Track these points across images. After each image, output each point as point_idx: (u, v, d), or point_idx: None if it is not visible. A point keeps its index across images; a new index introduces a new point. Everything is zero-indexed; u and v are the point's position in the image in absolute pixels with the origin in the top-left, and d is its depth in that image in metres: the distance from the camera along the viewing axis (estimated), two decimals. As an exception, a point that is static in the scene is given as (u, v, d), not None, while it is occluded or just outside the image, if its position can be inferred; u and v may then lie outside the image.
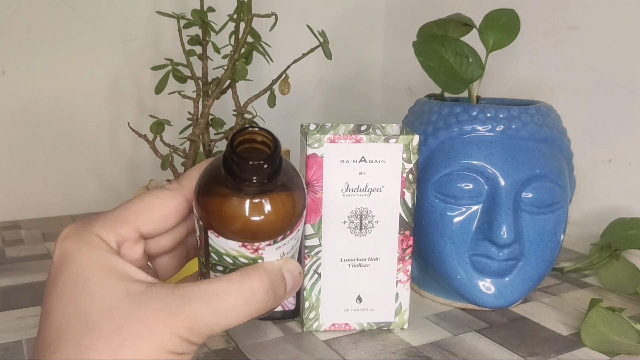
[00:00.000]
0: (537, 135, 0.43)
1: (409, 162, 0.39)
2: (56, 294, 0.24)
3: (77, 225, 0.26)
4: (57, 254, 0.26)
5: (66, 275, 0.24)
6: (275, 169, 0.25)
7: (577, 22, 0.62)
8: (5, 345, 0.39)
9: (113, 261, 0.25)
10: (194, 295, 0.24)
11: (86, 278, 0.24)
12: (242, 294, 0.25)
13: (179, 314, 0.23)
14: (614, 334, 0.39)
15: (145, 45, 0.73)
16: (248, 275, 0.25)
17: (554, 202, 0.43)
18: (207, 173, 0.27)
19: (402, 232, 0.40)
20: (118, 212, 0.27)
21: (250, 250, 0.26)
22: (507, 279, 0.43)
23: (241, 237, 0.26)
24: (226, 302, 0.25)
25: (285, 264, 0.28)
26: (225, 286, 0.25)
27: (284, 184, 0.26)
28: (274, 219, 0.26)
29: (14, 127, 0.69)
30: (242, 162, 0.24)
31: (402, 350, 0.39)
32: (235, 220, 0.25)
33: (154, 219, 0.27)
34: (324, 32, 0.49)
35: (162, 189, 0.28)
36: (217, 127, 0.53)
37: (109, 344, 0.23)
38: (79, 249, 0.25)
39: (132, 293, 0.24)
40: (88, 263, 0.25)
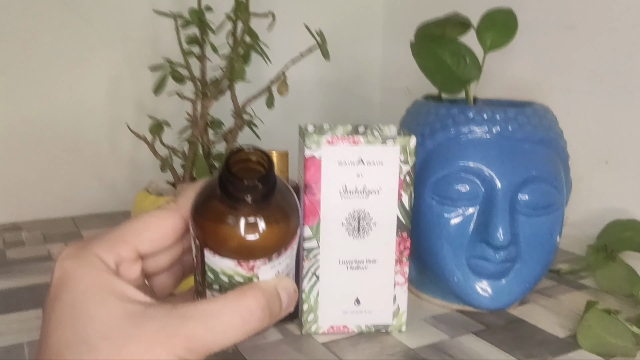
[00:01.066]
0: (533, 137, 0.44)
1: (406, 163, 0.40)
2: (55, 317, 0.25)
3: (77, 246, 0.27)
4: (56, 274, 0.26)
5: (65, 299, 0.25)
6: (269, 188, 0.25)
7: (575, 23, 0.62)
8: (6, 347, 0.39)
9: (111, 281, 0.25)
10: (191, 315, 0.25)
11: (85, 300, 0.25)
12: (238, 313, 0.25)
13: (177, 334, 0.24)
14: (610, 336, 0.40)
15: (145, 46, 0.73)
16: (244, 294, 0.26)
17: (550, 204, 0.43)
18: (203, 192, 0.27)
19: (399, 234, 0.41)
20: (116, 232, 0.28)
21: (246, 269, 0.27)
22: (504, 281, 0.43)
23: (236, 256, 0.26)
24: (223, 321, 0.25)
25: (281, 282, 0.28)
26: (221, 305, 0.25)
27: (278, 202, 0.27)
28: (268, 237, 0.26)
29: (14, 128, 0.69)
30: (237, 182, 0.25)
31: (400, 353, 0.40)
32: (231, 239, 0.26)
33: (151, 239, 0.28)
34: (322, 33, 0.49)
35: (159, 208, 0.29)
36: (216, 128, 0.53)
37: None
38: (77, 269, 0.25)
39: (131, 314, 0.24)
40: (87, 284, 0.25)
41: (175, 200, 0.29)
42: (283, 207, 0.27)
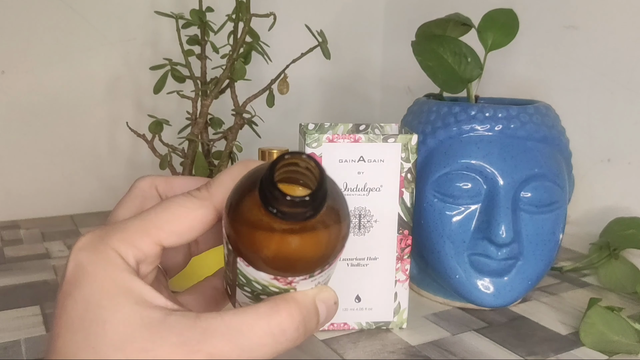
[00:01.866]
0: (535, 135, 0.43)
1: (407, 161, 0.39)
2: (66, 317, 0.22)
3: (94, 236, 0.24)
4: (70, 267, 0.23)
5: (77, 297, 0.22)
6: (317, 204, 0.21)
7: (577, 22, 0.62)
8: (4, 344, 0.39)
9: (129, 282, 0.23)
10: (216, 329, 0.22)
11: (98, 301, 0.22)
12: (270, 331, 0.23)
13: (200, 351, 0.21)
14: (613, 333, 0.39)
15: (144, 45, 0.73)
16: (277, 310, 0.23)
17: (553, 202, 0.43)
18: (242, 189, 0.23)
19: (400, 231, 0.40)
20: (139, 222, 0.24)
21: (283, 283, 0.24)
22: (506, 279, 0.43)
23: (274, 271, 0.23)
24: (251, 340, 0.22)
25: (320, 294, 0.25)
26: (251, 321, 0.22)
27: (327, 212, 0.22)
28: (313, 253, 0.23)
29: (13, 126, 0.68)
30: (280, 196, 0.20)
31: (401, 350, 0.39)
32: (269, 253, 0.22)
33: (178, 232, 0.24)
34: (322, 32, 0.49)
35: (188, 196, 0.25)
36: (215, 126, 0.53)
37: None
38: (93, 264, 0.23)
39: (148, 323, 0.22)
40: (102, 283, 0.22)
41: (208, 187, 0.25)
42: (332, 218, 0.23)
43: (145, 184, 0.28)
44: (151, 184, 0.28)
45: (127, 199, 0.27)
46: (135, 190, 0.28)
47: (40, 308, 0.45)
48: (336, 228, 0.23)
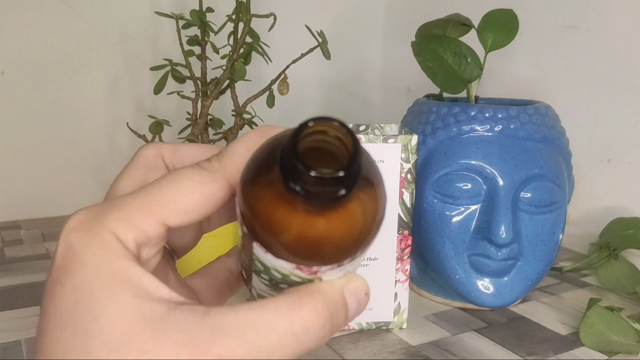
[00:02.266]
0: (535, 135, 0.43)
1: (407, 162, 0.39)
2: (54, 310, 0.19)
3: (89, 215, 0.20)
4: (60, 250, 0.20)
5: (68, 286, 0.19)
6: (350, 181, 0.17)
7: (576, 22, 0.62)
8: (4, 345, 0.39)
9: (127, 270, 0.19)
10: (228, 327, 0.18)
11: (91, 293, 0.19)
12: (291, 330, 0.19)
13: (208, 351, 0.18)
14: (613, 333, 0.39)
15: (145, 46, 0.73)
16: (300, 304, 0.19)
17: (553, 202, 0.43)
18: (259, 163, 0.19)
19: (400, 231, 0.40)
20: (140, 199, 0.20)
21: (307, 272, 0.20)
22: (506, 279, 0.43)
23: (297, 258, 0.19)
24: (269, 340, 0.19)
25: (349, 284, 0.21)
26: (269, 317, 0.19)
27: (361, 189, 0.18)
28: (343, 239, 0.19)
29: (13, 127, 0.69)
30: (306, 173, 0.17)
31: (401, 350, 0.39)
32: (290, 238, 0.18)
33: (186, 210, 0.20)
34: (322, 33, 0.50)
35: (197, 168, 0.21)
36: (216, 127, 0.53)
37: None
38: (86, 248, 0.19)
39: (149, 318, 0.18)
40: (96, 272, 0.19)
41: (220, 157, 0.21)
42: (367, 196, 0.19)
43: (150, 153, 0.24)
44: (157, 153, 0.24)
45: (129, 170, 0.24)
46: (138, 160, 0.24)
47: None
48: (372, 208, 0.19)
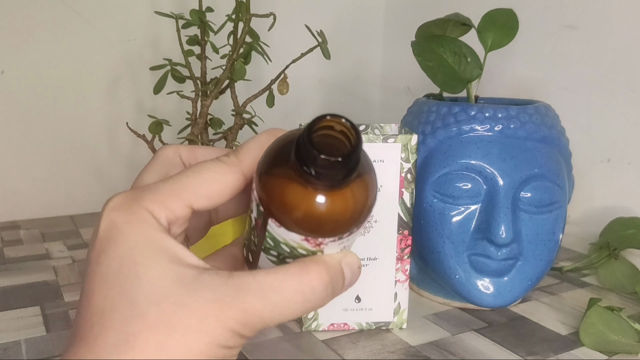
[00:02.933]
0: (535, 135, 0.43)
1: (407, 161, 0.39)
2: (100, 273, 0.23)
3: (127, 197, 0.24)
4: (103, 225, 0.24)
5: (112, 254, 0.23)
6: (352, 166, 0.22)
7: (576, 22, 0.62)
8: (4, 345, 0.39)
9: (164, 241, 0.23)
10: (250, 287, 0.22)
11: (134, 259, 0.22)
12: (300, 289, 0.23)
13: (233, 306, 0.22)
14: (613, 333, 0.39)
15: (144, 46, 0.73)
16: (307, 270, 0.24)
17: (553, 202, 0.43)
18: (275, 152, 0.24)
19: (400, 231, 0.40)
20: (170, 185, 0.24)
21: (312, 244, 0.24)
22: (506, 279, 0.43)
23: (305, 232, 0.23)
24: (283, 297, 0.23)
25: (346, 258, 0.25)
26: (283, 279, 0.23)
27: (358, 177, 0.23)
28: (343, 216, 0.23)
29: (14, 127, 0.69)
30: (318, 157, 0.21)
31: (401, 350, 0.39)
32: (302, 214, 0.23)
33: (208, 196, 0.25)
34: (322, 32, 0.50)
35: (218, 162, 0.25)
36: (215, 127, 0.53)
37: (156, 335, 0.21)
38: (128, 224, 0.23)
39: (183, 279, 0.22)
40: (137, 242, 0.23)
41: (237, 153, 0.26)
42: (363, 183, 0.24)
43: (170, 152, 0.28)
44: (175, 152, 0.28)
45: (152, 165, 0.28)
46: (160, 157, 0.28)
47: (41, 309, 0.45)
48: (365, 194, 0.24)
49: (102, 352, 0.21)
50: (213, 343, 0.22)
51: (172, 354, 0.21)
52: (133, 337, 0.21)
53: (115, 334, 0.21)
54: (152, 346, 0.21)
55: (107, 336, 0.21)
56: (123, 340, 0.21)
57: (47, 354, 0.38)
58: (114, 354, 0.21)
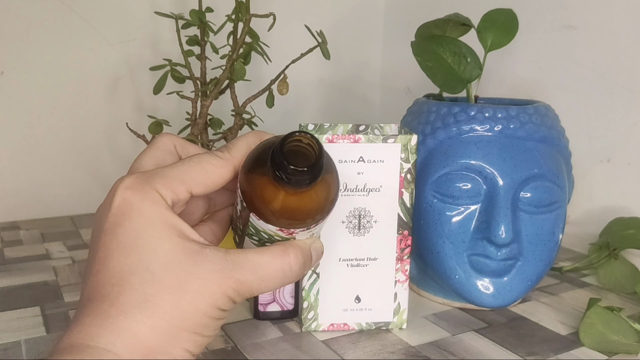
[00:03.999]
0: (535, 135, 0.43)
1: (407, 162, 0.39)
2: (117, 243, 0.27)
3: (139, 178, 0.28)
4: (117, 202, 0.27)
5: (128, 227, 0.27)
6: (316, 173, 0.27)
7: (576, 22, 0.62)
8: (4, 345, 0.39)
9: (172, 219, 0.27)
10: (243, 263, 0.28)
11: (148, 232, 0.27)
12: (281, 267, 0.29)
13: (231, 277, 0.27)
14: (613, 333, 0.39)
15: (144, 46, 0.73)
16: (287, 253, 0.29)
17: (553, 202, 0.43)
18: (259, 155, 0.29)
19: (400, 231, 0.40)
20: (175, 171, 0.29)
21: (286, 233, 0.30)
22: (506, 279, 0.43)
23: (279, 224, 0.29)
24: (268, 273, 0.29)
25: (314, 244, 0.31)
26: (269, 259, 0.29)
27: (322, 178, 0.28)
28: (310, 210, 0.29)
29: (13, 127, 0.69)
30: (287, 167, 0.27)
31: (401, 350, 0.39)
32: (276, 210, 0.28)
33: (205, 184, 0.29)
34: (322, 33, 0.50)
35: (214, 155, 0.30)
36: (215, 127, 0.53)
37: (171, 296, 0.26)
38: (140, 202, 0.27)
39: (190, 252, 0.27)
40: (150, 218, 0.27)
41: (229, 149, 0.30)
42: (326, 182, 0.29)
43: (167, 140, 0.32)
44: (171, 141, 0.33)
45: (150, 150, 0.32)
46: (157, 144, 0.32)
47: (41, 309, 0.45)
48: (327, 191, 0.29)
49: (125, 307, 0.25)
50: (214, 305, 0.27)
51: (183, 313, 0.26)
52: (152, 297, 0.26)
53: (136, 294, 0.26)
54: (167, 305, 0.26)
55: (128, 295, 0.26)
56: (142, 299, 0.26)
57: (48, 354, 0.38)
58: (135, 310, 0.25)
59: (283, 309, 0.43)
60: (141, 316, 0.25)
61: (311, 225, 0.30)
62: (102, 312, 0.25)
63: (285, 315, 0.43)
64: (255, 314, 0.43)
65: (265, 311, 0.43)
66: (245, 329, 0.42)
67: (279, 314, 0.43)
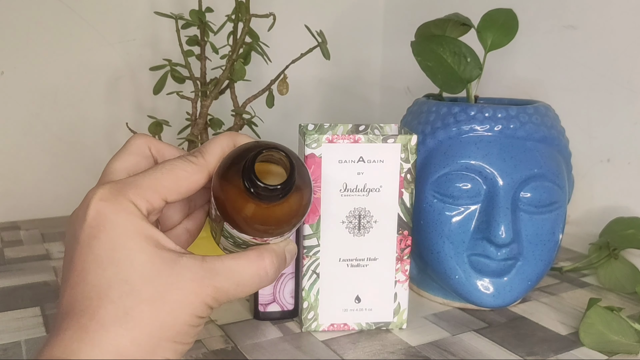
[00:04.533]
0: (535, 135, 0.43)
1: (407, 162, 0.39)
2: (93, 256, 0.26)
3: (112, 189, 0.28)
4: (92, 214, 0.27)
5: (104, 239, 0.26)
6: (288, 189, 0.27)
7: (576, 22, 0.62)
8: (4, 346, 0.39)
9: (147, 229, 0.27)
10: (219, 270, 0.28)
11: (124, 244, 0.26)
12: (257, 273, 0.29)
13: (209, 285, 0.27)
14: (613, 333, 0.39)
15: (144, 46, 0.73)
16: (262, 257, 0.29)
17: (553, 202, 0.43)
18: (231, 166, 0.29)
19: (400, 232, 0.40)
20: (148, 180, 0.28)
21: (259, 240, 0.30)
22: (506, 279, 0.43)
23: (253, 234, 0.29)
24: (245, 279, 0.29)
25: (288, 246, 0.32)
26: (245, 265, 0.29)
27: (295, 189, 0.28)
28: (283, 221, 0.29)
29: (13, 127, 0.69)
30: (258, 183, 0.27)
31: (401, 350, 0.39)
32: (248, 221, 0.29)
33: (179, 192, 0.29)
34: (322, 32, 0.50)
35: (187, 161, 0.30)
36: (215, 127, 0.53)
37: (151, 308, 0.26)
38: (115, 213, 0.27)
39: (167, 261, 0.27)
40: (125, 229, 0.27)
41: (203, 154, 0.30)
42: (299, 192, 0.29)
43: (142, 142, 0.32)
44: (145, 143, 0.32)
45: (124, 154, 0.31)
46: (131, 147, 0.32)
47: (41, 309, 0.45)
48: (300, 203, 0.29)
49: (105, 321, 0.25)
50: (193, 314, 0.27)
51: (163, 324, 0.26)
52: (131, 310, 0.25)
53: (115, 307, 0.25)
54: (147, 317, 0.26)
55: (107, 309, 0.25)
56: (122, 313, 0.25)
57: (47, 354, 0.38)
58: (115, 324, 0.25)
59: (283, 309, 0.43)
60: (121, 330, 0.25)
61: (285, 233, 0.30)
62: (82, 326, 0.25)
63: (285, 315, 0.43)
64: (255, 314, 0.43)
65: (265, 311, 0.43)
66: (245, 329, 0.42)
67: (279, 314, 0.43)
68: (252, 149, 0.28)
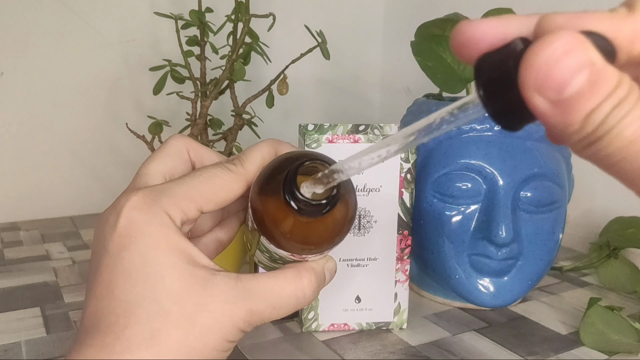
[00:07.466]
0: (535, 135, 0.43)
1: (407, 161, 0.39)
2: (123, 268, 0.25)
3: (146, 197, 0.26)
4: (123, 222, 0.25)
5: (134, 251, 0.25)
6: (332, 205, 0.25)
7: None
8: (4, 346, 0.39)
9: (181, 243, 0.25)
10: (254, 290, 0.26)
11: (155, 258, 0.25)
12: (295, 294, 0.27)
13: (242, 307, 0.25)
14: (613, 332, 0.39)
15: (144, 46, 0.73)
16: (300, 277, 0.27)
17: (553, 201, 0.43)
18: (271, 176, 0.27)
19: (400, 231, 0.40)
20: (184, 189, 0.27)
21: (297, 258, 0.28)
22: (506, 279, 0.43)
23: (292, 250, 0.27)
24: (281, 300, 0.27)
25: (327, 264, 0.29)
26: (282, 285, 0.27)
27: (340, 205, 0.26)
28: (326, 237, 0.27)
29: (13, 127, 0.69)
30: (301, 198, 0.24)
31: (401, 350, 0.39)
32: (288, 238, 0.26)
33: (216, 201, 0.27)
34: (322, 33, 0.50)
35: (225, 169, 0.28)
36: (215, 127, 0.53)
37: (179, 332, 0.24)
38: (149, 224, 0.25)
39: (199, 279, 0.25)
40: (157, 242, 0.25)
41: (242, 162, 0.28)
42: (344, 205, 0.26)
43: (181, 144, 0.30)
44: (184, 146, 0.30)
45: (161, 155, 0.30)
46: (169, 148, 0.30)
47: (41, 310, 0.45)
48: (345, 215, 0.27)
49: (130, 344, 0.24)
50: (224, 339, 0.25)
51: (191, 350, 0.24)
52: (158, 332, 0.24)
53: (142, 329, 0.24)
54: (175, 342, 0.24)
55: (134, 329, 0.24)
56: (149, 335, 0.24)
57: (48, 355, 0.38)
58: (141, 347, 0.24)
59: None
60: (147, 353, 0.24)
61: (325, 250, 0.28)
62: (107, 346, 0.24)
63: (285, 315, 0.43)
64: (256, 314, 0.43)
65: (265, 311, 0.43)
66: (245, 329, 0.42)
67: (279, 314, 0.43)
68: (295, 159, 0.25)
